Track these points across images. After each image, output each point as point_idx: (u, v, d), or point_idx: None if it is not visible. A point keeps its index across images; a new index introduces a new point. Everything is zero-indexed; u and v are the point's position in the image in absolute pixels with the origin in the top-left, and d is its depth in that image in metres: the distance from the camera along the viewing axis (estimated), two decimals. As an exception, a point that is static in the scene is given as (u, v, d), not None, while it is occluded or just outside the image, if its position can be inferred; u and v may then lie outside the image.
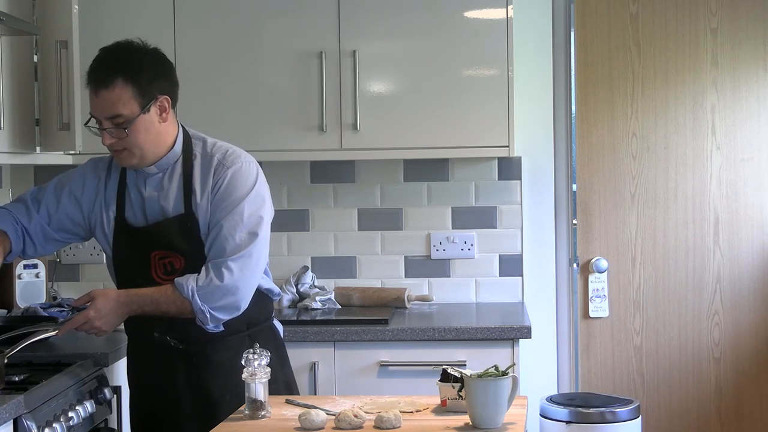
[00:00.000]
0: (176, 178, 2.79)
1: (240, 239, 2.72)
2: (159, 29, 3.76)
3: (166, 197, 2.78)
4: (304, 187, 4.10)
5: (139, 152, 2.74)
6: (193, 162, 2.80)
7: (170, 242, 2.75)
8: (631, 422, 3.64)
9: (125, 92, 2.67)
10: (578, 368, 4.14)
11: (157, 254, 2.78)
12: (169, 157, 2.79)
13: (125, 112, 2.68)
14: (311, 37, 3.74)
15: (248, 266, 2.73)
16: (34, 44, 3.50)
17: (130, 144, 2.71)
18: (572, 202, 4.14)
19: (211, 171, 2.78)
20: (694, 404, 4.14)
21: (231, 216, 2.73)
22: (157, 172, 2.80)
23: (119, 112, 2.68)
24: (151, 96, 2.71)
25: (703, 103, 4.12)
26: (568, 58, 4.13)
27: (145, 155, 2.75)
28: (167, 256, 2.77)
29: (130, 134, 2.69)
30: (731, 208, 4.12)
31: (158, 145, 2.76)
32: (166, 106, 2.76)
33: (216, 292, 2.68)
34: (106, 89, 2.67)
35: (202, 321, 2.72)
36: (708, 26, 4.10)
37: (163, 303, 2.71)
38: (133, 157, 2.75)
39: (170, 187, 2.79)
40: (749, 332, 4.13)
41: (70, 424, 2.68)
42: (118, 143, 2.71)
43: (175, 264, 2.77)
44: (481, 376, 2.31)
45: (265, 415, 2.46)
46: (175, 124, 2.82)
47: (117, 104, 2.67)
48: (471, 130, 3.72)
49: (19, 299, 3.85)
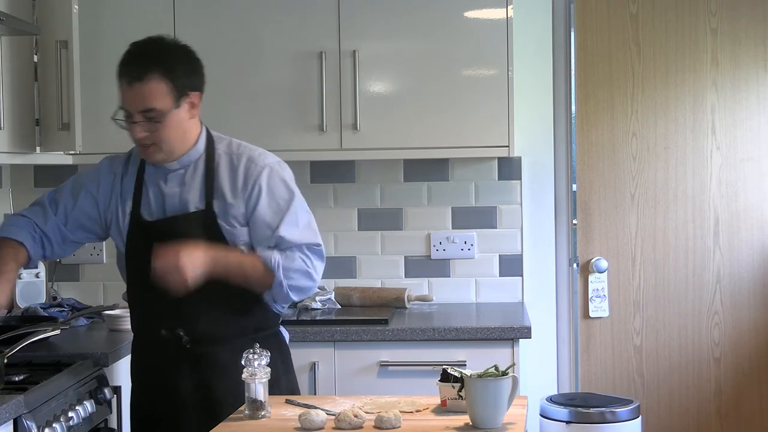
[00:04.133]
0: (199, 174, 2.80)
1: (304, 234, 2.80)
2: (159, 29, 3.72)
3: (187, 193, 2.79)
4: (304, 187, 4.04)
5: (168, 147, 2.75)
6: (217, 160, 2.81)
7: (184, 237, 2.73)
8: (631, 422, 3.65)
9: (161, 87, 2.69)
10: (578, 368, 4.14)
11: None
12: (191, 154, 2.81)
13: (159, 107, 2.69)
14: (311, 37, 3.74)
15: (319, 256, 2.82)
16: (34, 44, 3.51)
17: (160, 139, 2.73)
18: (572, 202, 4.14)
19: (240, 170, 2.79)
20: (694, 404, 4.14)
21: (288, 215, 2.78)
22: (178, 168, 2.81)
23: (153, 105, 2.69)
24: (183, 92, 2.73)
25: (703, 103, 4.12)
26: (568, 58, 4.12)
27: (173, 150, 2.77)
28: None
29: (161, 129, 2.71)
30: (731, 208, 4.12)
31: (185, 141, 2.78)
32: (195, 102, 2.78)
33: (298, 271, 2.75)
34: (140, 82, 2.68)
35: (275, 296, 2.78)
36: (708, 26, 4.10)
37: (249, 268, 2.74)
38: (160, 152, 2.76)
39: (192, 183, 2.79)
40: (749, 332, 4.13)
41: (70, 424, 2.68)
42: (148, 137, 2.72)
43: None
44: (481, 376, 2.31)
45: (265, 415, 2.46)
46: (198, 122, 2.84)
47: (151, 98, 2.69)
48: (471, 130, 3.72)
49: (19, 299, 3.85)
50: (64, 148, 3.58)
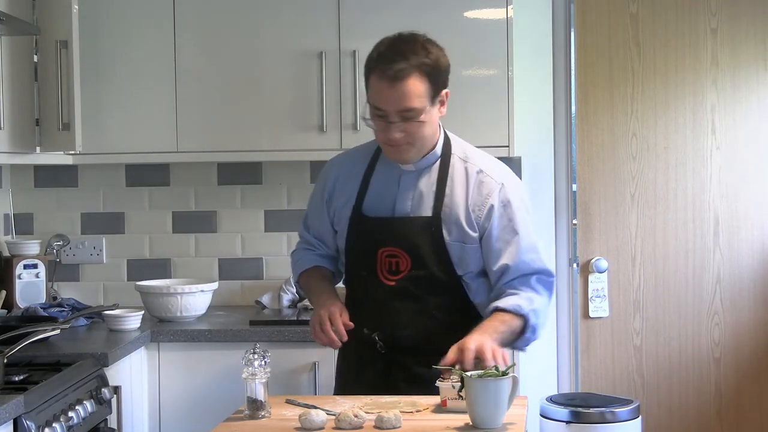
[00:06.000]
0: (433, 180, 2.72)
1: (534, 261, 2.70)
2: (159, 29, 3.77)
3: (419, 197, 2.72)
4: (304, 187, 4.10)
5: (420, 145, 2.68)
6: (452, 167, 2.73)
7: (407, 240, 2.69)
8: (631, 422, 3.65)
9: (421, 87, 2.61)
10: (578, 368, 4.14)
11: (385, 251, 2.72)
12: (429, 157, 2.73)
13: (418, 106, 2.61)
14: (311, 36, 3.74)
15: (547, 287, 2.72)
16: (34, 44, 3.51)
17: (414, 138, 2.66)
18: (572, 202, 4.14)
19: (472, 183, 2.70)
20: (694, 404, 4.14)
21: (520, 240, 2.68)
22: (414, 170, 2.74)
23: (413, 105, 2.61)
24: (439, 90, 2.66)
25: (703, 103, 4.12)
26: (568, 58, 4.12)
27: (423, 149, 2.70)
28: (395, 255, 2.71)
29: (418, 127, 2.64)
30: (731, 208, 4.12)
31: (432, 140, 2.72)
32: (445, 100, 2.71)
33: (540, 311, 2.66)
34: (401, 82, 2.59)
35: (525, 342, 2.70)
36: (708, 26, 4.10)
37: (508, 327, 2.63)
38: (411, 150, 2.69)
39: (426, 187, 2.72)
40: (749, 332, 4.13)
41: (70, 424, 2.68)
42: (404, 137, 2.65)
43: (401, 265, 2.70)
44: (481, 376, 2.31)
45: (265, 415, 2.46)
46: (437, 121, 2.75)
47: (412, 98, 2.60)
48: (471, 130, 3.70)
49: (19, 299, 3.85)
50: (64, 148, 3.58)
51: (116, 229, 4.15)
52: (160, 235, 4.15)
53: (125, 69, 3.78)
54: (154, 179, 4.14)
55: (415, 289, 2.70)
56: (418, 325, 2.70)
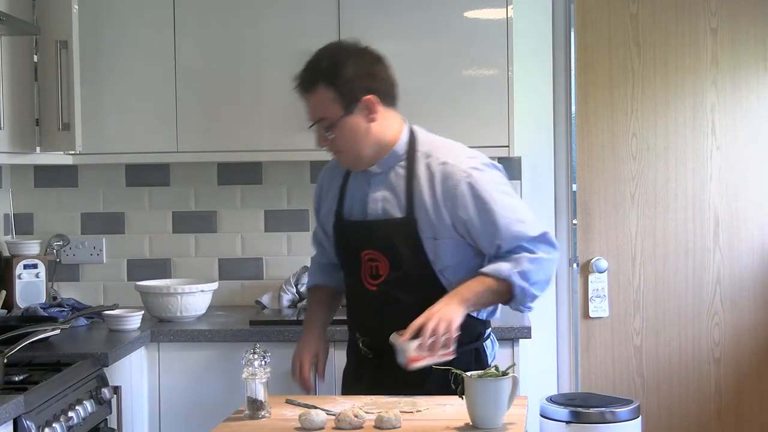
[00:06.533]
0: (401, 181, 2.73)
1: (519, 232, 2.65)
2: (159, 29, 3.76)
3: (389, 199, 2.73)
4: (304, 187, 4.10)
5: (353, 153, 2.72)
6: (417, 166, 2.71)
7: (382, 243, 2.71)
8: (631, 422, 3.65)
9: (328, 96, 2.67)
10: (578, 368, 4.14)
11: (367, 254, 2.75)
12: (389, 159, 2.74)
13: (328, 116, 2.67)
14: (311, 36, 3.73)
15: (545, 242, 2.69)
16: (34, 44, 3.51)
17: (338, 146, 2.71)
18: (572, 202, 4.13)
19: (437, 180, 2.68)
20: (694, 404, 4.14)
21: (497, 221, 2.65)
22: (380, 171, 2.76)
23: (321, 115, 2.69)
24: (353, 97, 2.67)
25: (703, 103, 4.12)
26: (568, 58, 4.12)
27: (360, 156, 2.72)
28: (375, 259, 2.74)
29: (336, 137, 2.69)
30: (731, 208, 4.12)
31: (372, 145, 2.72)
32: (372, 106, 2.69)
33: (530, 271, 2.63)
34: (307, 93, 2.71)
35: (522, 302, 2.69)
36: (708, 26, 4.10)
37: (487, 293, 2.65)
38: (347, 158, 2.75)
39: (395, 189, 2.73)
40: (749, 332, 4.13)
41: (70, 424, 2.68)
42: (330, 145, 2.72)
43: (381, 269, 2.73)
44: (481, 376, 2.31)
45: (265, 415, 2.46)
46: (394, 122, 2.75)
47: (319, 108, 2.69)
48: (471, 130, 3.71)
49: (19, 299, 3.85)
50: (64, 148, 3.58)
51: (116, 229, 4.15)
52: (160, 235, 4.15)
53: (125, 69, 3.78)
54: (154, 179, 4.14)
55: (395, 292, 2.72)
56: (402, 328, 2.67)
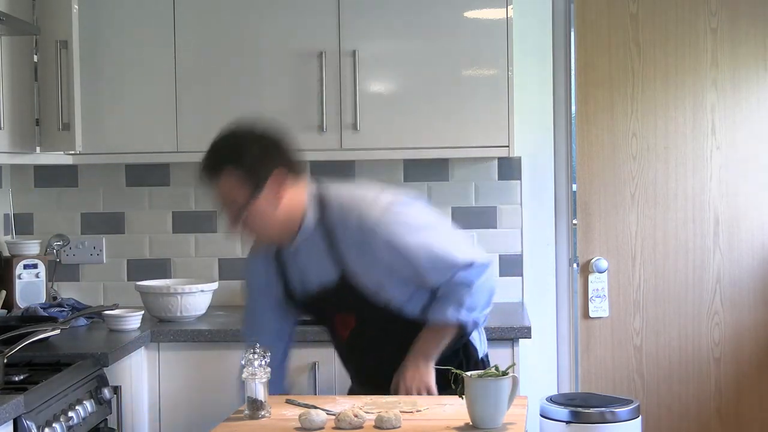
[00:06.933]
0: (322, 247, 2.67)
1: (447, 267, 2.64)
2: (159, 29, 3.77)
3: (318, 269, 2.69)
4: (304, 187, 4.10)
5: (265, 233, 2.66)
6: (332, 230, 2.65)
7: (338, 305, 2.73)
8: (631, 422, 3.65)
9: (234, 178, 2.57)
10: (578, 368, 4.14)
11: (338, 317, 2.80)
12: (304, 231, 2.67)
13: (238, 199, 2.58)
14: (311, 37, 3.74)
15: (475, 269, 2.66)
16: (34, 44, 3.51)
17: (250, 228, 2.64)
18: (572, 202, 4.13)
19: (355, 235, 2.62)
20: (694, 404, 4.14)
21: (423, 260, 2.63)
22: (301, 247, 2.70)
23: (232, 199, 2.59)
24: (260, 177, 2.58)
25: (703, 103, 4.12)
26: (568, 58, 4.12)
27: (272, 234, 2.67)
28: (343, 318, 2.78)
29: (248, 218, 2.60)
30: (731, 208, 4.12)
31: (284, 222, 2.65)
32: (282, 179, 2.61)
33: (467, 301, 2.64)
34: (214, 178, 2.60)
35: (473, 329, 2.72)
36: (708, 26, 4.10)
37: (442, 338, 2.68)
38: (261, 237, 2.69)
39: (320, 257, 2.67)
40: (749, 332, 4.13)
41: (70, 424, 2.69)
42: (243, 228, 2.63)
43: (348, 321, 2.77)
44: (481, 376, 2.31)
45: (265, 415, 2.46)
46: (300, 192, 2.67)
47: (228, 192, 2.59)
48: (471, 130, 3.72)
49: (19, 299, 3.85)
50: (64, 148, 3.58)
51: (116, 229, 4.15)
52: (160, 235, 4.15)
53: (125, 69, 3.78)
54: (154, 179, 4.14)
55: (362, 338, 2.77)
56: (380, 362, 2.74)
